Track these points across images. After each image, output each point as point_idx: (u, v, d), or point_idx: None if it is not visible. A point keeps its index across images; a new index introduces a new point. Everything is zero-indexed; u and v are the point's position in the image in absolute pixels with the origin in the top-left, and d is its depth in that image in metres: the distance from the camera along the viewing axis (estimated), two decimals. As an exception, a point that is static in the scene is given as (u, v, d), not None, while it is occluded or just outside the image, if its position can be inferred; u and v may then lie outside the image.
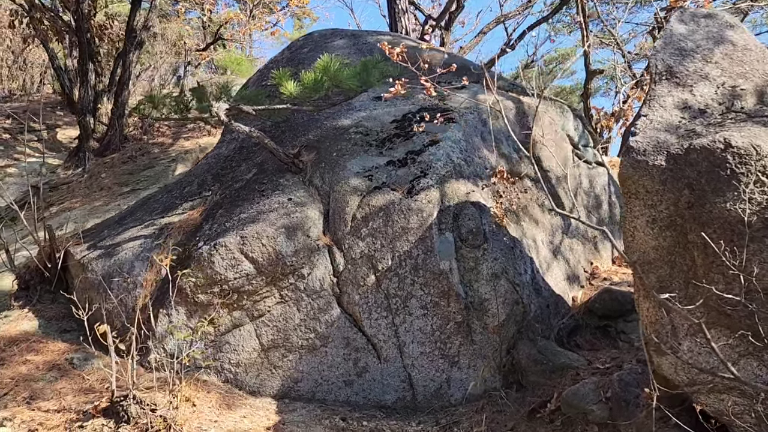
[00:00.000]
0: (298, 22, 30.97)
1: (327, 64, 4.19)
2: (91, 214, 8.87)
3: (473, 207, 4.35)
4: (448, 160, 4.51)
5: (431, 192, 4.28)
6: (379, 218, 4.23)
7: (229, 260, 4.15)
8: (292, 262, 4.17)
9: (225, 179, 5.19)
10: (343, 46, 6.17)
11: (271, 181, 4.74)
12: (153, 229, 4.93)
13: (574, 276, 5.15)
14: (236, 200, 4.70)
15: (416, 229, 4.18)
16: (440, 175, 4.39)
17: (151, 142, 11.58)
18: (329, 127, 5.20)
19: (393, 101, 5.44)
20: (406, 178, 4.41)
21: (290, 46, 6.85)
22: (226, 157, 5.62)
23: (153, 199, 5.68)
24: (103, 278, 4.56)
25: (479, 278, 4.20)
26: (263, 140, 4.57)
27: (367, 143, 4.83)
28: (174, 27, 20.14)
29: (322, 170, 4.68)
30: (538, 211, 5.09)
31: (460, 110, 5.12)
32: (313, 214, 4.37)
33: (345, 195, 4.38)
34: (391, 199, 4.27)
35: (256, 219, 4.31)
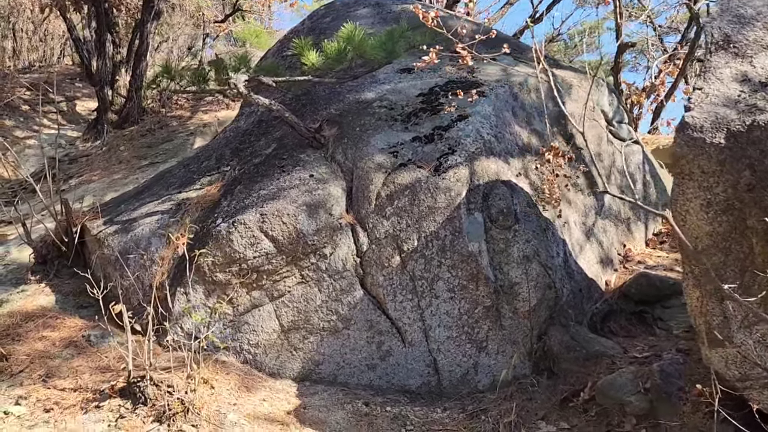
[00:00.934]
0: (320, -6, 30.50)
1: (351, 33, 3.96)
2: (109, 187, 8.78)
3: (504, 186, 4.13)
4: (477, 136, 4.28)
5: (460, 170, 4.07)
6: (405, 197, 4.03)
7: (249, 238, 3.99)
8: (313, 241, 4.00)
9: (244, 154, 5.02)
10: (367, 15, 5.91)
11: (292, 156, 4.55)
12: (170, 205, 4.78)
13: (608, 259, 4.93)
14: (255, 176, 4.52)
15: (444, 209, 3.97)
16: (469, 152, 4.17)
17: (170, 115, 11.44)
18: (352, 100, 4.98)
19: (419, 74, 5.20)
20: (433, 155, 4.20)
21: (311, 16, 6.60)
22: (244, 131, 5.43)
23: (170, 174, 5.53)
24: (120, 254, 4.43)
25: (510, 261, 4.00)
26: (283, 113, 4.37)
27: (392, 118, 4.62)
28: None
29: (345, 146, 4.48)
30: (571, 191, 4.86)
31: (491, 83, 4.87)
32: (336, 192, 4.18)
33: (369, 172, 4.18)
34: (417, 176, 4.06)
35: (276, 196, 4.13)
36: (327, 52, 4.04)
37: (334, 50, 4.03)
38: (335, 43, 4.08)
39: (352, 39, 3.94)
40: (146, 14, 10.72)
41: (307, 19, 6.60)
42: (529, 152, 4.66)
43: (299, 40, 4.17)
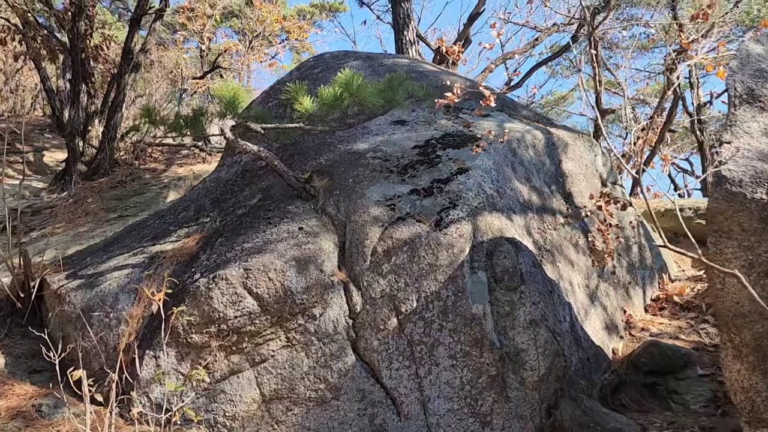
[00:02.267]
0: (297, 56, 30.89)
1: (349, 78, 3.73)
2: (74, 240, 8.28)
3: (509, 244, 3.84)
4: (480, 190, 4.02)
5: (462, 225, 3.78)
6: (404, 253, 3.71)
7: (230, 296, 3.59)
8: (302, 299, 3.63)
9: (226, 205, 4.67)
10: (358, 67, 5.74)
11: (279, 207, 4.23)
12: (142, 258, 4.37)
13: (613, 325, 4.63)
14: (239, 228, 4.17)
15: (446, 267, 3.66)
16: (472, 207, 3.90)
17: (143, 168, 11.05)
18: (343, 151, 4.72)
19: (413, 126, 4.99)
20: (433, 209, 3.92)
21: (300, 67, 6.42)
22: (226, 182, 5.11)
23: (143, 225, 5.13)
24: (83, 312, 3.98)
25: (515, 325, 3.67)
26: (272, 161, 4.07)
27: (388, 169, 4.35)
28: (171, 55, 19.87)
29: (337, 197, 4.17)
30: (573, 251, 4.60)
31: (488, 138, 4.67)
32: (328, 246, 3.85)
33: (364, 226, 3.87)
34: (417, 231, 3.76)
35: (262, 249, 3.78)
36: (323, 97, 3.79)
37: (330, 96, 3.78)
38: (332, 89, 3.83)
39: (350, 85, 3.70)
40: (125, 65, 10.50)
41: (295, 70, 6.41)
42: (530, 209, 4.41)
43: (294, 84, 3.92)
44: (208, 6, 21.85)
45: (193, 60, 22.23)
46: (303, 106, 3.86)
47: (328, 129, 4.21)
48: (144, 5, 10.49)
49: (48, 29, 11.20)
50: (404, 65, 6.01)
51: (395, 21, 10.85)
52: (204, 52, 22.34)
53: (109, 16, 20.27)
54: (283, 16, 25.90)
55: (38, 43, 11.01)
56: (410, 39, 10.65)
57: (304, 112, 3.93)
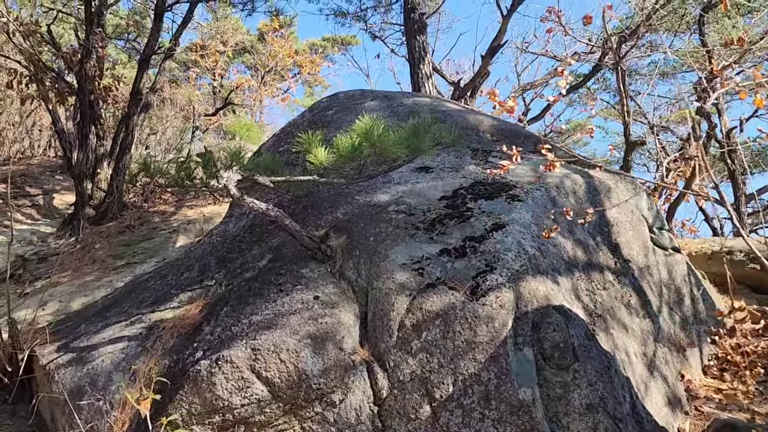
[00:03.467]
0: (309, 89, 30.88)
1: (368, 127, 3.27)
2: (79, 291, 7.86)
3: (557, 313, 3.31)
4: (520, 249, 3.51)
5: (503, 293, 3.26)
6: (436, 327, 3.20)
7: (236, 381, 3.09)
8: (319, 384, 3.11)
9: (232, 265, 4.20)
10: (376, 108, 5.31)
11: (291, 271, 3.74)
12: (140, 328, 3.90)
13: (675, 398, 4.05)
14: (246, 295, 3.68)
15: (486, 344, 3.13)
16: (512, 271, 3.38)
17: (152, 210, 10.69)
18: (363, 203, 4.24)
19: (439, 173, 4.51)
20: (467, 273, 3.41)
21: (312, 108, 6.01)
22: (234, 237, 4.64)
23: (144, 287, 4.67)
24: (71, 394, 3.51)
25: (570, 411, 3.12)
26: (283, 221, 3.61)
27: (413, 226, 3.86)
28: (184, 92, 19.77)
29: (357, 259, 3.69)
30: (625, 313, 4.05)
31: (524, 186, 4.18)
32: (348, 319, 3.35)
33: (389, 294, 3.37)
34: (450, 301, 3.25)
35: (273, 324, 3.28)
36: (339, 148, 3.33)
37: (347, 146, 3.32)
38: (348, 138, 3.37)
39: (370, 134, 3.24)
40: (133, 107, 10.22)
41: (307, 111, 6.00)
42: (576, 268, 3.89)
43: (305, 135, 3.47)
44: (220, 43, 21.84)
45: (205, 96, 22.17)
46: (317, 158, 3.40)
47: (344, 182, 3.75)
48: (153, 45, 10.22)
49: (56, 72, 10.98)
50: (426, 105, 5.57)
51: (410, 54, 10.50)
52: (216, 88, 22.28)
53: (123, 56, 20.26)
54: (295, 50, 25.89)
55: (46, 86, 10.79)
56: (426, 73, 10.27)
57: (318, 165, 3.47)
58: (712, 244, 6.89)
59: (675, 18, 10.74)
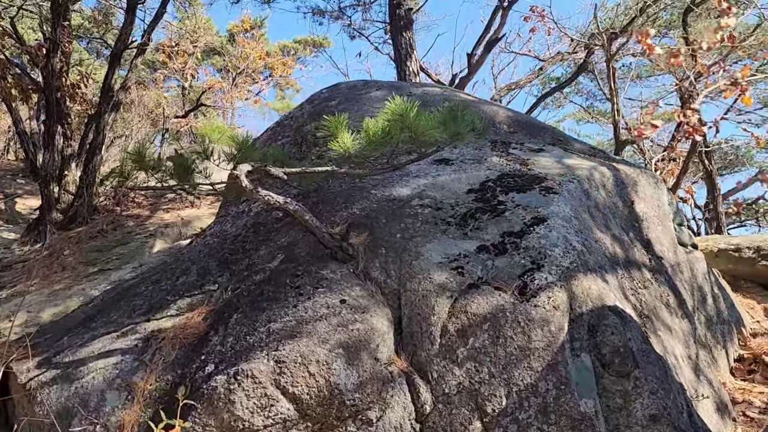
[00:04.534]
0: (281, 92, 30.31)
1: (402, 108, 2.90)
2: (49, 300, 7.29)
3: (613, 315, 2.99)
4: (567, 245, 3.19)
5: (555, 293, 2.93)
6: (484, 333, 2.84)
7: (258, 399, 2.68)
8: (353, 400, 2.73)
9: (237, 267, 3.77)
10: (384, 97, 4.92)
11: (309, 272, 3.34)
12: (134, 340, 3.44)
13: (722, 404, 3.77)
14: (260, 300, 3.27)
15: (542, 351, 2.79)
16: (563, 268, 3.05)
17: (125, 214, 10.10)
18: (380, 198, 3.87)
19: (460, 166, 4.17)
20: (511, 272, 3.07)
21: (311, 99, 5.59)
22: (235, 237, 4.21)
23: (133, 292, 4.19)
24: (59, 418, 3.04)
25: (631, 423, 2.80)
26: (302, 216, 3.21)
27: (443, 220, 3.50)
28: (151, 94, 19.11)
29: (384, 258, 3.31)
30: (666, 314, 3.77)
31: (555, 178, 3.86)
32: (381, 325, 2.96)
33: (428, 297, 3.00)
34: (498, 303, 2.90)
35: (297, 332, 2.88)
36: (370, 132, 2.95)
37: (378, 130, 2.94)
38: (379, 122, 3.00)
39: (405, 116, 2.87)
40: (104, 104, 9.65)
41: (306, 103, 5.58)
42: (618, 265, 3.58)
43: (333, 118, 3.08)
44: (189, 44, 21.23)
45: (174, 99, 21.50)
46: (343, 144, 3.02)
47: (368, 172, 3.36)
48: (125, 39, 9.66)
49: (20, 67, 10.33)
50: (437, 95, 5.23)
51: (396, 51, 10.17)
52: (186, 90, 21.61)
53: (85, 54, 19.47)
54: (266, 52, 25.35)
55: (9, 82, 10.13)
56: (414, 70, 9.94)
57: (342, 152, 3.09)
58: (718, 241, 6.70)
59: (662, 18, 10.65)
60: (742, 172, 19.23)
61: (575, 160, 4.34)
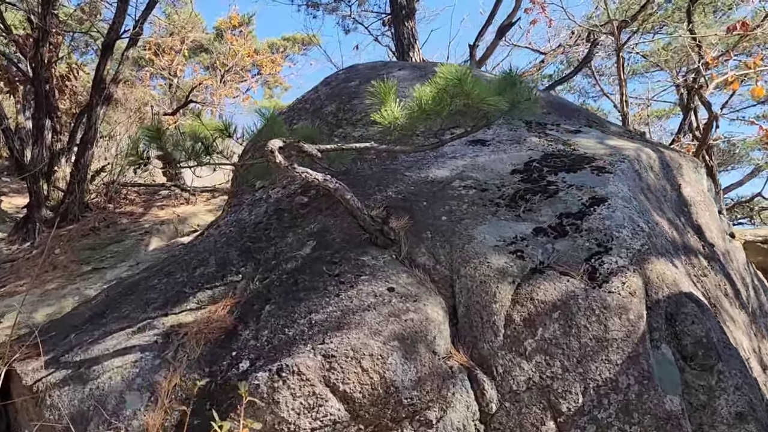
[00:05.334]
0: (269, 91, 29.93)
1: (460, 73, 2.60)
2: (41, 300, 6.90)
3: (691, 302, 2.72)
4: (635, 226, 2.91)
5: (629, 278, 2.64)
6: (554, 322, 2.55)
7: (306, 398, 2.36)
8: (410, 398, 2.42)
9: (263, 256, 3.45)
10: (409, 77, 4.63)
11: (347, 259, 3.03)
12: (153, 335, 3.11)
13: (790, 400, 3.51)
14: (294, 290, 2.95)
15: (621, 342, 2.50)
16: (633, 251, 2.77)
17: (118, 212, 9.70)
18: (416, 180, 3.57)
19: (497, 146, 3.89)
20: (576, 255, 2.78)
21: (327, 81, 5.26)
22: (255, 225, 3.88)
23: (145, 286, 3.85)
24: (74, 423, 2.70)
25: (716, 422, 2.52)
26: (343, 194, 2.90)
27: (491, 202, 3.21)
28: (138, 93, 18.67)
29: (430, 243, 3.01)
30: (727, 304, 3.50)
31: (603, 158, 3.59)
32: (436, 315, 2.66)
33: (487, 283, 2.70)
34: (568, 289, 2.61)
35: (344, 323, 2.57)
36: (421, 100, 2.65)
37: (429, 98, 2.64)
38: (429, 88, 2.70)
39: (462, 81, 2.57)
40: (96, 97, 9.22)
41: (321, 85, 5.25)
42: (679, 250, 3.31)
43: (381, 83, 2.77)
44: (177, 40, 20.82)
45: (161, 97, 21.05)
46: (389, 114, 2.71)
47: (410, 149, 3.06)
48: (117, 28, 9.24)
49: (7, 56, 9.87)
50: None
51: (398, 42, 9.87)
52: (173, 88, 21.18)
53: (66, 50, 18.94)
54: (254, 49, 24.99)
55: (-5, 72, 9.69)
56: (417, 60, 9.65)
57: (388, 124, 2.78)
58: (744, 233, 6.48)
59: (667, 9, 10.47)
60: (737, 169, 19.19)
61: (618, 141, 4.08)
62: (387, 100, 2.70)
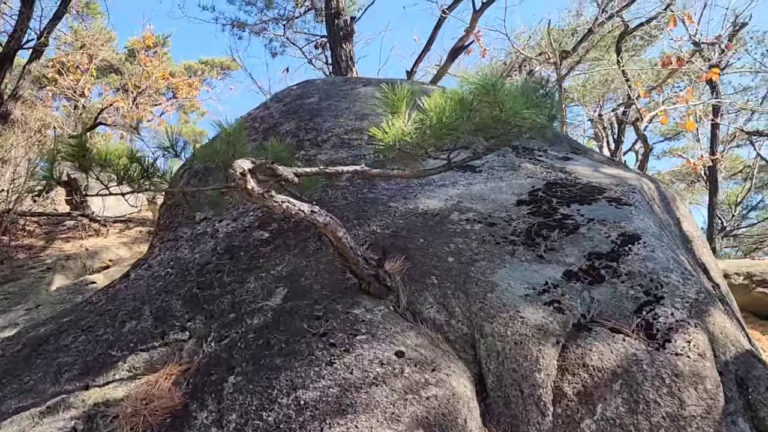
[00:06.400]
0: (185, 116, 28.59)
1: (489, 81, 2.06)
2: None
3: (758, 363, 2.26)
4: (683, 270, 2.45)
5: (692, 335, 2.15)
6: (616, 396, 2.00)
7: None
8: (443, 508, 1.79)
9: (217, 308, 2.72)
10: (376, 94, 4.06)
11: (334, 312, 2.38)
12: (69, 419, 2.31)
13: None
14: (266, 355, 2.26)
15: (700, 419, 1.98)
16: (690, 300, 2.29)
17: (15, 245, 8.49)
18: (404, 211, 2.98)
19: (492, 173, 3.38)
20: (621, 306, 2.27)
21: (279, 98, 4.56)
22: (202, 266, 3.14)
23: (53, 345, 3.00)
24: None
25: None
26: (334, 231, 2.25)
27: (505, 239, 2.66)
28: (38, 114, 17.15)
29: (438, 290, 2.41)
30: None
31: (612, 188, 3.15)
32: (462, 388, 2.06)
33: (524, 344, 2.13)
34: (627, 352, 2.08)
35: (346, 405, 1.91)
36: (436, 111, 2.07)
37: (451, 108, 2.07)
38: (441, 99, 2.13)
39: (494, 88, 2.03)
40: (-9, 112, 8.10)
41: (273, 102, 4.54)
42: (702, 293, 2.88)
43: (389, 90, 2.18)
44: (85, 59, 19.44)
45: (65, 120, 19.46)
46: (396, 129, 2.12)
47: (414, 174, 2.47)
48: (20, 37, 8.19)
49: None
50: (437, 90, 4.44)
51: (336, 65, 9.34)
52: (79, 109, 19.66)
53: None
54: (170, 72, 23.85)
55: None
56: (355, 85, 9.12)
57: (390, 143, 2.19)
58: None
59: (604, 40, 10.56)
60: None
61: (613, 170, 3.67)
62: (398, 111, 2.11)
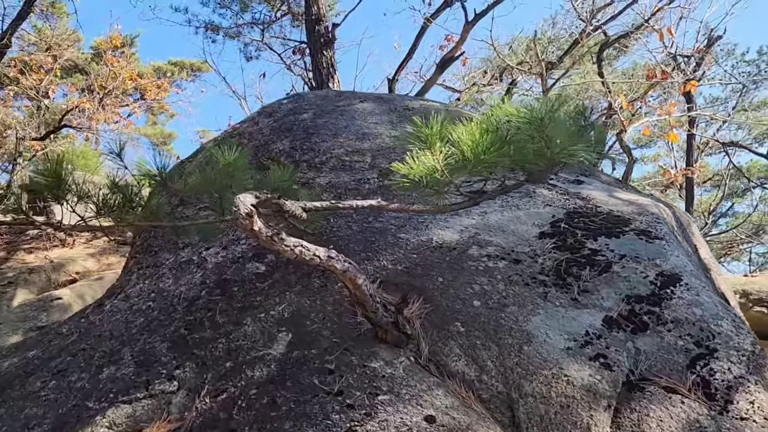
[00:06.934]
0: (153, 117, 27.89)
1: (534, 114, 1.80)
2: None
3: (819, 420, 2.05)
4: (733, 317, 2.24)
5: (753, 393, 1.94)
6: (680, 469, 1.77)
7: None
8: None
9: (210, 353, 2.41)
10: (374, 111, 3.79)
11: (348, 365, 2.10)
12: (39, 493, 1.98)
13: None
14: (272, 417, 1.96)
15: (773, 494, 1.77)
16: (747, 352, 2.08)
17: (-28, 257, 7.98)
18: (416, 244, 2.72)
19: (507, 199, 3.13)
20: (670, 359, 2.04)
21: (269, 113, 4.20)
22: (190, 302, 2.82)
23: (21, 392, 2.65)
24: None
25: None
26: (354, 278, 1.98)
27: (534, 280, 2.42)
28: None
29: (465, 340, 2.15)
30: None
31: (637, 218, 2.94)
32: (505, 460, 1.80)
33: (572, 408, 1.88)
34: (688, 417, 1.85)
35: (377, 488, 1.64)
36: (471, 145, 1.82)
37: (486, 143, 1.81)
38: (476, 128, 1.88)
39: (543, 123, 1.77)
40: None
41: (262, 117, 4.18)
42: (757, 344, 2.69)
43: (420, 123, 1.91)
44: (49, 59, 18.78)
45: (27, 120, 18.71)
46: (424, 165, 1.86)
47: (436, 208, 2.20)
48: (-20, 36, 7.70)
49: None
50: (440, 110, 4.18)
51: (316, 71, 9.04)
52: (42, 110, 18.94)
53: None
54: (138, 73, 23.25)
55: None
56: (336, 92, 8.84)
57: (417, 179, 1.92)
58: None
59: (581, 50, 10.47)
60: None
61: (627, 195, 3.47)
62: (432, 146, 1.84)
